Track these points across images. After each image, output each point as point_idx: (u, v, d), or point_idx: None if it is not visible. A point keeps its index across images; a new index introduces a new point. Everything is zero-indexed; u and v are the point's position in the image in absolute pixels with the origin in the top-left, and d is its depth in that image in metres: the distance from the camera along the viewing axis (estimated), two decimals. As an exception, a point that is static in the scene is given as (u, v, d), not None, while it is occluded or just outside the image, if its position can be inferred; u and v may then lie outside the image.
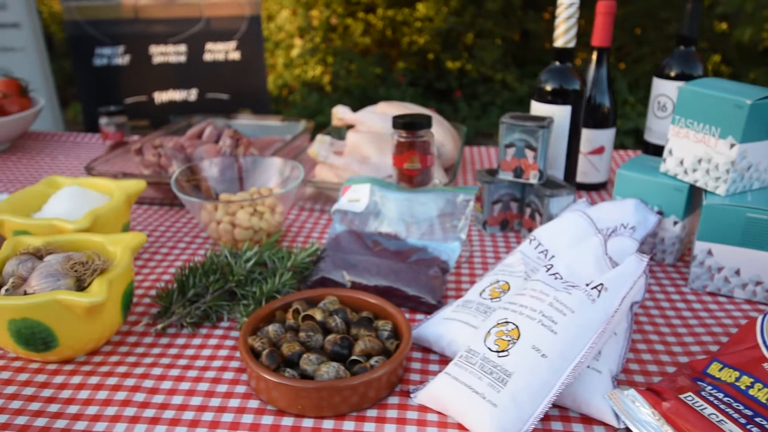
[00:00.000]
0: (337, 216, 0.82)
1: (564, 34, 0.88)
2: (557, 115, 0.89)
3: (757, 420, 0.47)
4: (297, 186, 0.85)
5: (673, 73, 0.99)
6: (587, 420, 0.54)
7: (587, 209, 0.74)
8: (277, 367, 0.56)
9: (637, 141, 3.46)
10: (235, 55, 2.53)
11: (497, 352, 0.52)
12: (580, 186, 1.06)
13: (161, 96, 2.55)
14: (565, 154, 0.92)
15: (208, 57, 2.52)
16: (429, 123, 0.77)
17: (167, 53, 2.50)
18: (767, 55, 3.50)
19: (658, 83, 1.02)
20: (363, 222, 0.81)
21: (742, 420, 0.47)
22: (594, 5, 1.00)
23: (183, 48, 2.50)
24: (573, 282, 0.56)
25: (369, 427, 0.53)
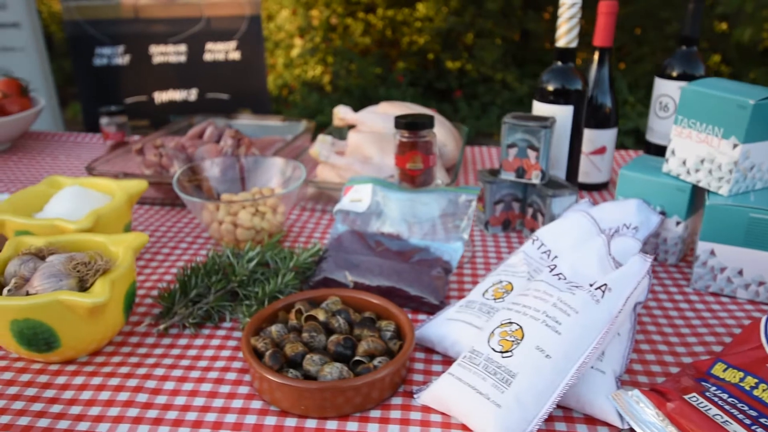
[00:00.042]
0: (339, 216, 0.82)
1: (566, 34, 0.88)
2: (559, 115, 0.89)
3: (762, 421, 0.47)
4: (299, 186, 0.85)
5: (675, 73, 0.99)
6: (591, 421, 0.54)
7: (590, 209, 0.74)
8: (281, 368, 0.56)
9: (637, 141, 3.46)
10: (235, 55, 2.52)
11: (501, 352, 0.52)
12: (581, 186, 1.06)
13: (161, 96, 2.55)
14: (567, 154, 0.92)
15: (208, 57, 2.52)
16: (431, 123, 0.77)
17: (167, 53, 2.50)
18: (767, 55, 3.50)
19: (659, 83, 1.02)
20: (365, 222, 0.80)
21: (746, 421, 0.47)
22: (594, 6, 1.00)
23: (183, 48, 2.50)
24: (577, 282, 0.56)
25: (372, 428, 0.53)
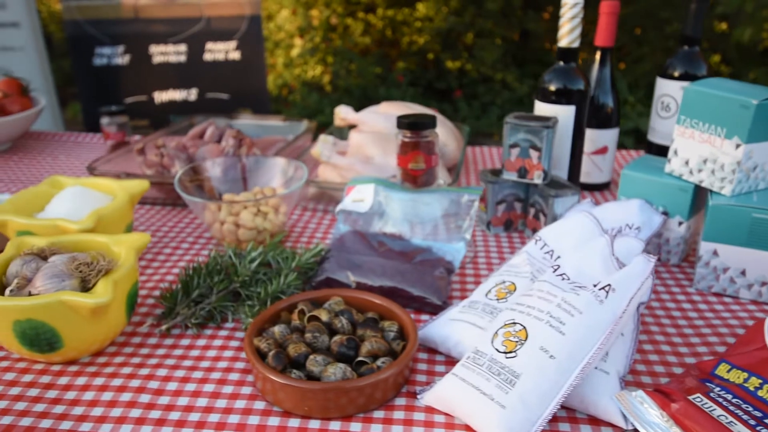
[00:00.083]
0: (341, 216, 0.82)
1: (568, 33, 0.88)
2: (561, 115, 0.89)
3: (767, 421, 0.47)
4: (301, 186, 0.85)
5: (677, 73, 0.99)
6: (595, 421, 0.53)
7: (592, 209, 0.74)
8: (284, 369, 0.56)
9: (637, 141, 3.46)
10: (235, 55, 2.52)
11: (505, 353, 0.52)
12: (583, 186, 1.06)
13: (161, 96, 2.55)
14: (569, 154, 0.92)
15: (208, 57, 2.52)
16: (433, 123, 0.77)
17: (167, 53, 2.49)
18: (767, 55, 3.50)
19: (661, 83, 1.01)
20: (367, 222, 0.80)
21: (751, 421, 0.46)
22: (594, 6, 1.00)
23: (183, 48, 2.49)
24: (580, 283, 0.56)
25: (376, 429, 0.53)
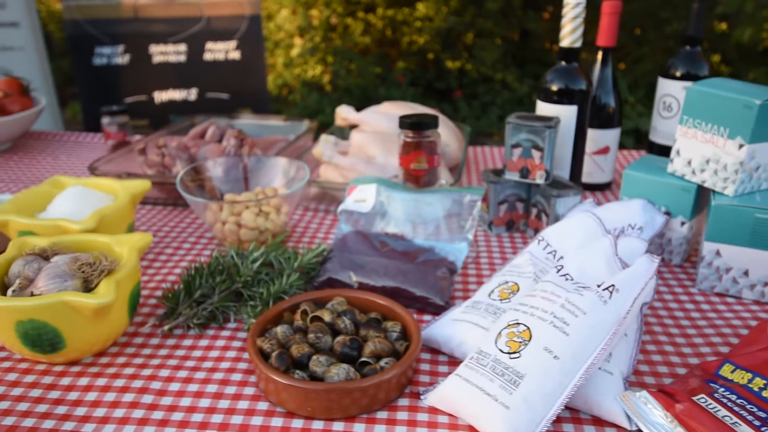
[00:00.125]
0: (343, 216, 0.81)
1: (570, 33, 0.88)
2: (563, 115, 0.89)
3: (772, 422, 0.47)
4: (303, 186, 0.84)
5: (679, 73, 0.99)
6: (599, 422, 0.53)
7: (594, 209, 0.74)
8: (287, 369, 0.56)
9: (637, 141, 3.46)
10: (235, 55, 2.52)
11: (509, 353, 0.52)
12: (584, 186, 1.06)
13: (161, 95, 2.54)
14: (571, 154, 0.92)
15: (208, 56, 2.51)
16: (436, 123, 0.77)
17: (167, 52, 2.49)
18: (767, 55, 3.50)
19: (663, 83, 1.01)
20: (369, 222, 0.80)
21: (756, 422, 0.46)
22: (594, 6, 0.99)
23: (183, 47, 2.49)
24: (584, 283, 0.56)
25: (379, 430, 0.53)
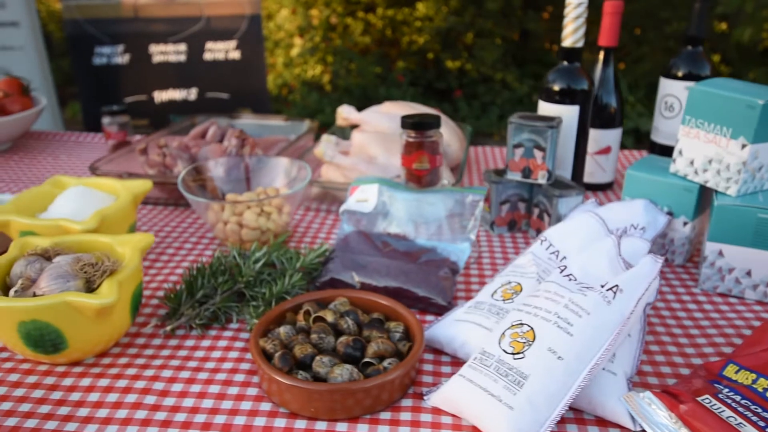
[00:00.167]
0: (345, 216, 0.81)
1: (572, 33, 0.87)
2: (565, 115, 0.89)
3: (776, 423, 0.47)
4: (304, 186, 0.84)
5: (681, 73, 0.99)
6: (603, 423, 0.53)
7: (597, 210, 0.74)
8: (290, 370, 0.56)
9: (637, 141, 3.46)
10: (235, 55, 2.52)
11: (512, 354, 0.52)
12: (586, 186, 1.06)
13: (161, 95, 2.54)
14: (573, 154, 0.92)
15: (208, 56, 2.51)
16: (438, 123, 0.77)
17: (167, 52, 2.49)
18: (767, 55, 3.50)
19: (665, 83, 1.01)
20: (371, 222, 0.80)
21: (761, 423, 0.46)
22: (594, 6, 0.99)
23: (183, 47, 2.49)
24: (587, 283, 0.56)
25: (383, 430, 0.52)
